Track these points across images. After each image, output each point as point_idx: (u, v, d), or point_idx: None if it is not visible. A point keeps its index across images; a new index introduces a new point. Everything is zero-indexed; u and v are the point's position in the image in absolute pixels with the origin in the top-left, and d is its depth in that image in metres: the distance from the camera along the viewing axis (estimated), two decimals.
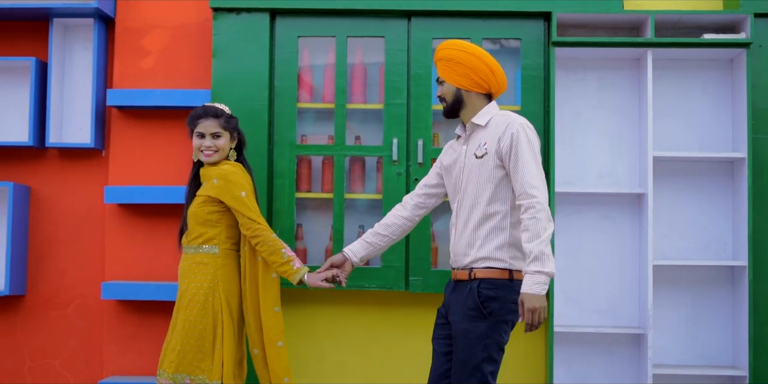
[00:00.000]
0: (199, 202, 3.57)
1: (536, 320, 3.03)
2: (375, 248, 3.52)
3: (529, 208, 3.07)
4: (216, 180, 3.52)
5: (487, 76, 3.26)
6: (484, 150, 3.21)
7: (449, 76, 3.28)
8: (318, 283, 3.49)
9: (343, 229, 4.34)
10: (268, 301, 3.59)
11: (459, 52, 3.26)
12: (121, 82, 4.57)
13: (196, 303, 3.53)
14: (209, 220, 3.56)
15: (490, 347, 3.14)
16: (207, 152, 3.58)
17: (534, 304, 3.02)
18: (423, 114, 4.35)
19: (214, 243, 3.57)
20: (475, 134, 3.28)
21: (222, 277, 3.55)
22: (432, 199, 3.51)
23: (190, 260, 3.59)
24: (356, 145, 4.41)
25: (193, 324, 3.52)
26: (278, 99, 4.40)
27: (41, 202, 4.67)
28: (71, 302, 4.65)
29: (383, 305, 4.50)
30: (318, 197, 4.46)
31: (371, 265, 4.36)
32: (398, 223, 3.50)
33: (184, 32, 4.59)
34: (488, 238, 3.18)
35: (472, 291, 3.16)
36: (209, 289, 3.53)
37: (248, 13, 4.40)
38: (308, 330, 4.48)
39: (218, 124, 3.58)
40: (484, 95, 3.30)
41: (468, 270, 3.20)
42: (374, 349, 4.49)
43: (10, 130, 4.70)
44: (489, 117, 3.27)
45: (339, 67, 4.40)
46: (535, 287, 3.01)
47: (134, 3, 4.61)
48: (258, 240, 3.51)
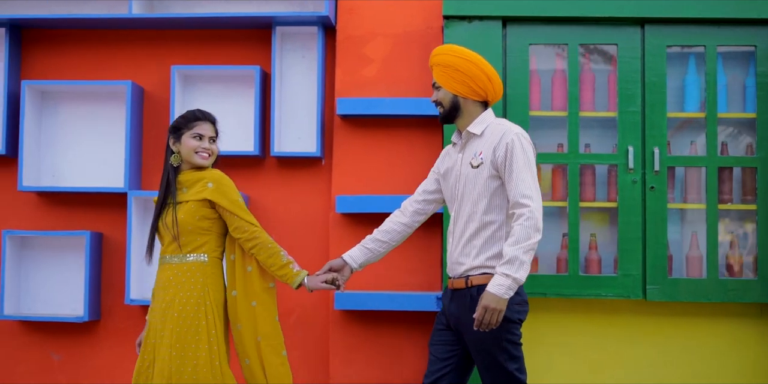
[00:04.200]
0: (188, 208, 3.63)
1: (488, 320, 3.30)
2: (374, 254, 3.78)
3: (520, 216, 3.36)
4: (211, 183, 3.63)
5: (485, 85, 3.54)
6: (480, 160, 3.49)
7: (447, 83, 3.56)
8: (318, 285, 3.66)
9: (578, 238, 4.56)
10: (270, 312, 3.71)
11: (458, 59, 3.54)
12: (343, 91, 4.86)
13: (188, 313, 3.58)
14: (200, 227, 3.64)
15: (507, 348, 3.43)
16: (203, 154, 3.69)
17: (490, 304, 3.28)
18: (658, 121, 4.62)
19: (203, 251, 3.65)
20: (471, 143, 3.57)
21: (212, 285, 3.64)
22: (431, 205, 3.79)
23: (174, 270, 3.65)
24: (589, 154, 4.66)
25: (185, 335, 3.57)
26: (510, 107, 4.65)
27: (260, 211, 4.96)
28: (293, 312, 4.92)
29: (610, 313, 4.75)
30: (550, 205, 4.70)
31: (606, 274, 4.59)
32: (397, 229, 3.77)
33: (407, 40, 4.87)
34: (484, 248, 3.46)
35: (474, 299, 3.44)
36: (200, 298, 3.60)
37: (480, 21, 4.68)
38: (536, 339, 4.72)
39: (214, 130, 3.75)
40: (480, 103, 3.59)
41: (464, 278, 3.48)
42: (603, 357, 4.73)
43: (229, 139, 4.95)
44: (485, 126, 3.56)
45: (571, 74, 4.68)
46: (498, 288, 3.29)
47: (356, 11, 4.90)
48: (255, 243, 3.62)
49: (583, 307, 4.78)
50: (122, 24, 5.02)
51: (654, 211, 4.61)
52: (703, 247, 4.69)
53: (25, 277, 5.07)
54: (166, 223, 3.64)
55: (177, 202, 3.65)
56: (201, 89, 5.05)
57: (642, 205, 4.61)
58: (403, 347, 4.79)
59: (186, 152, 3.69)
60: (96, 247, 4.96)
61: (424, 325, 4.78)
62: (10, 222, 5.10)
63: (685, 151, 4.82)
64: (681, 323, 4.73)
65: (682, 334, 4.72)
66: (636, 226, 4.60)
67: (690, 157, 4.71)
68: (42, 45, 5.20)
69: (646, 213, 4.61)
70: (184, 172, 3.71)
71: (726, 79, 4.78)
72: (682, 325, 4.72)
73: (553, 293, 4.61)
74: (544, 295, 4.61)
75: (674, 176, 4.74)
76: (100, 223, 5.03)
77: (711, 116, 4.66)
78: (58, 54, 5.19)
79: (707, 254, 4.62)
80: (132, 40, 5.15)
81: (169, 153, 3.73)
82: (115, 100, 5.05)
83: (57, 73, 5.17)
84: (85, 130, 5.09)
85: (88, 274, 4.86)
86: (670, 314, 4.73)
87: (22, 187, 4.92)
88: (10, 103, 5.04)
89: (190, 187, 3.66)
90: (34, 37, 5.20)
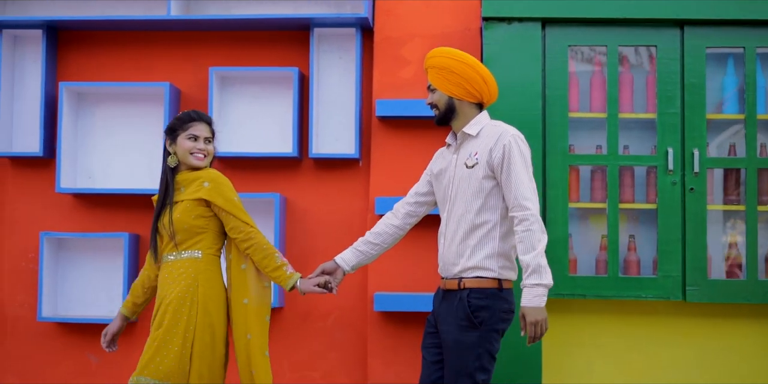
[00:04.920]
0: (183, 207, 3.68)
1: (539, 333, 3.38)
2: (366, 257, 3.81)
3: (523, 220, 3.39)
4: (207, 183, 3.68)
5: (480, 87, 3.58)
6: (475, 160, 3.52)
7: (442, 85, 3.59)
8: (311, 288, 3.68)
9: (618, 239, 4.60)
10: (262, 311, 3.72)
11: (453, 61, 3.57)
12: (381, 92, 4.92)
13: (174, 307, 3.62)
14: (195, 226, 3.68)
15: (482, 357, 3.42)
16: (199, 155, 3.74)
17: (536, 318, 3.36)
18: (697, 123, 4.68)
19: (198, 248, 3.69)
20: (466, 144, 3.59)
21: (203, 281, 3.66)
22: (423, 208, 3.82)
23: (170, 267, 3.70)
24: (629, 155, 4.71)
25: (169, 327, 3.62)
26: (549, 108, 4.70)
27: (297, 213, 5.02)
28: (330, 314, 4.97)
29: (649, 314, 4.81)
30: (588, 207, 4.73)
31: (645, 275, 4.63)
32: (389, 231, 3.80)
33: (445, 41, 4.94)
34: (477, 248, 3.49)
35: (462, 301, 3.47)
36: (187, 293, 3.63)
37: (520, 23, 4.73)
38: (574, 340, 4.77)
39: (210, 131, 3.79)
40: (475, 104, 3.63)
41: (457, 279, 3.50)
42: (641, 358, 4.80)
43: (266, 140, 5.00)
44: (480, 127, 3.59)
45: (611, 76, 4.74)
46: (536, 300, 3.35)
47: (393, 12, 4.95)
48: (251, 243, 3.66)
49: (621, 309, 4.83)
50: (160, 25, 5.09)
51: (693, 213, 4.66)
52: (742, 249, 4.73)
53: (62, 278, 5.13)
54: (164, 223, 3.70)
55: (174, 202, 3.70)
56: (238, 91, 5.11)
57: (681, 207, 4.67)
58: None
59: (182, 153, 3.74)
60: (133, 249, 5.02)
61: None
62: (48, 223, 5.17)
63: (724, 152, 4.86)
64: (720, 324, 4.78)
65: (720, 335, 4.78)
66: (675, 228, 4.65)
67: (729, 159, 4.76)
68: (78, 46, 5.27)
69: (686, 214, 4.66)
70: (181, 173, 3.76)
71: (765, 81, 4.82)
72: (720, 327, 4.78)
73: (593, 295, 4.66)
74: (584, 296, 4.66)
75: (713, 178, 4.78)
76: (137, 224, 5.09)
77: (750, 118, 4.71)
78: (94, 55, 5.26)
79: (746, 255, 4.67)
80: (169, 42, 5.21)
81: (166, 154, 3.78)
82: (152, 102, 5.11)
83: (92, 74, 5.24)
84: (121, 132, 5.16)
85: (126, 276, 4.92)
86: (708, 315, 4.78)
87: (59, 189, 4.99)
88: (47, 105, 5.10)
89: (187, 187, 3.71)
90: (70, 39, 5.26)
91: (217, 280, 3.71)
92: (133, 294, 3.88)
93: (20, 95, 5.20)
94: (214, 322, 3.64)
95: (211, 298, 3.65)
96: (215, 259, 3.72)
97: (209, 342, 3.62)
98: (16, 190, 5.21)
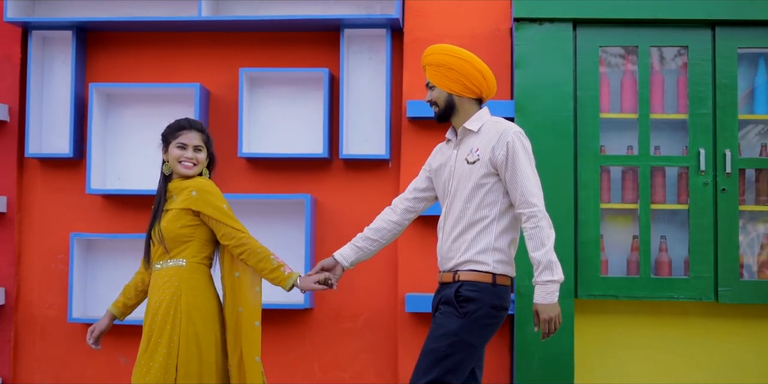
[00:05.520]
0: (171, 216, 3.68)
1: (552, 329, 3.44)
2: (365, 253, 3.83)
3: (532, 216, 3.43)
4: (195, 192, 3.66)
5: (479, 82, 3.59)
6: (476, 156, 3.54)
7: (441, 82, 3.60)
8: (311, 285, 3.69)
9: (650, 240, 4.63)
10: (253, 316, 3.71)
11: (450, 58, 3.58)
12: (411, 93, 4.98)
13: (159, 317, 3.63)
14: (181, 234, 3.67)
15: (456, 345, 3.41)
16: (187, 164, 3.72)
17: (549, 314, 3.42)
18: (729, 123, 4.72)
19: (182, 256, 3.67)
20: (467, 139, 3.61)
21: (186, 290, 3.64)
22: (422, 203, 3.84)
23: (157, 276, 3.71)
24: (660, 156, 4.75)
25: (155, 337, 3.63)
26: (581, 109, 4.73)
27: (326, 214, 5.05)
28: (361, 315, 5.00)
29: (680, 315, 4.86)
30: (620, 208, 4.76)
31: (676, 276, 4.66)
32: (388, 227, 3.82)
33: (475, 42, 4.98)
34: (474, 242, 3.52)
35: (452, 290, 3.48)
36: (170, 302, 3.62)
37: (551, 24, 4.78)
38: (606, 340, 4.80)
39: (201, 138, 3.76)
40: (475, 100, 3.64)
41: (452, 273, 3.53)
42: (672, 359, 4.83)
43: (296, 141, 5.03)
44: (481, 123, 3.59)
45: (642, 77, 4.78)
46: (549, 297, 3.41)
47: (424, 13, 4.99)
48: (244, 249, 3.65)
49: (652, 309, 4.87)
50: (190, 26, 5.13)
51: (725, 214, 4.70)
52: None
53: (92, 279, 5.17)
54: (155, 231, 3.71)
55: (165, 210, 3.72)
56: (267, 92, 5.15)
57: (713, 208, 4.70)
58: None
59: (171, 161, 3.75)
60: None
61: None
62: (77, 224, 5.21)
63: (755, 152, 4.88)
64: (751, 325, 4.83)
65: (752, 336, 4.82)
66: (708, 229, 4.69)
67: (762, 159, 4.79)
68: (106, 47, 5.31)
69: (717, 215, 4.69)
70: (173, 181, 3.76)
71: None
72: (752, 327, 4.83)
73: (625, 295, 4.69)
74: (616, 297, 4.69)
75: (745, 178, 4.81)
76: None
77: None
78: (122, 56, 5.30)
79: None
80: (199, 43, 5.25)
81: (162, 162, 3.80)
82: (182, 103, 5.14)
83: (121, 75, 5.29)
84: (151, 133, 5.15)
85: None
86: (740, 316, 4.82)
87: (89, 190, 5.03)
88: (77, 106, 5.13)
89: (178, 195, 3.71)
90: (99, 40, 5.30)
91: (202, 289, 3.68)
92: (126, 295, 3.88)
93: (49, 96, 5.24)
94: (199, 330, 3.62)
95: (195, 307, 3.64)
96: (200, 266, 3.70)
97: (195, 351, 3.60)
98: (45, 191, 5.26)
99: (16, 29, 5.23)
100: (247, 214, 5.10)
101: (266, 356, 5.05)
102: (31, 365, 5.21)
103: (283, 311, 5.09)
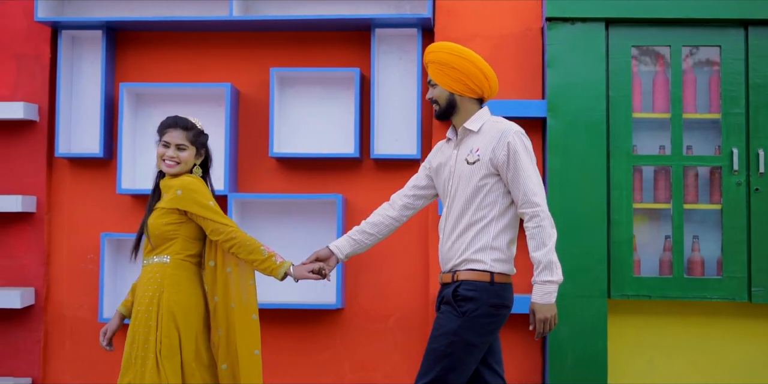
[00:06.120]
0: (158, 214, 3.75)
1: (547, 329, 3.48)
2: (360, 246, 3.85)
3: (534, 216, 3.46)
4: (180, 191, 3.70)
5: (481, 82, 3.61)
6: (477, 156, 3.57)
7: (443, 81, 3.62)
8: (305, 274, 3.71)
9: (683, 240, 4.65)
10: (248, 310, 3.76)
11: (453, 57, 3.60)
12: None
13: (141, 313, 3.70)
14: (166, 232, 3.73)
15: (455, 344, 3.44)
16: (169, 163, 3.76)
17: (546, 315, 3.46)
18: (763, 123, 4.77)
19: (167, 253, 3.73)
20: (467, 139, 3.63)
21: (168, 286, 3.70)
22: (420, 201, 3.88)
23: (143, 272, 3.79)
24: (692, 156, 4.75)
25: (134, 334, 3.71)
26: (613, 109, 4.75)
27: (357, 213, 5.10)
28: (392, 315, 5.02)
29: (712, 315, 4.88)
30: (652, 207, 4.78)
31: (709, 276, 4.67)
32: (386, 222, 3.85)
33: (506, 42, 5.00)
34: (472, 242, 3.54)
35: (451, 289, 3.51)
36: (152, 298, 3.69)
37: (583, 23, 4.80)
38: (638, 340, 4.82)
39: (185, 137, 3.78)
40: (476, 100, 3.66)
41: (452, 273, 3.56)
42: (704, 359, 4.86)
43: (326, 141, 5.05)
44: (481, 123, 3.61)
45: (674, 76, 4.80)
46: (546, 297, 3.45)
47: (454, 12, 5.00)
48: (233, 242, 3.68)
49: (685, 309, 4.90)
50: (220, 26, 5.15)
51: (759, 213, 4.72)
52: None
53: (122, 279, 5.20)
54: (145, 228, 3.79)
55: (155, 208, 3.78)
56: (297, 91, 5.18)
57: (747, 208, 4.72)
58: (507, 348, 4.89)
59: (157, 159, 3.82)
60: None
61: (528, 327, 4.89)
62: (108, 224, 5.23)
63: None
64: None
65: None
66: (741, 229, 4.72)
67: None
68: (136, 47, 5.33)
69: (751, 215, 4.71)
70: (164, 178, 3.82)
71: None
72: None
73: (658, 296, 4.72)
74: (649, 297, 4.71)
75: None
76: None
77: None
78: (151, 56, 5.32)
79: None
80: (228, 42, 5.28)
81: None
82: (212, 103, 5.18)
83: (150, 75, 5.32)
84: None
85: None
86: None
87: (120, 190, 5.05)
88: (106, 106, 5.16)
89: (167, 193, 3.76)
90: (128, 40, 5.33)
91: (185, 285, 3.73)
92: (133, 294, 3.90)
93: (78, 96, 5.27)
94: (180, 325, 3.67)
95: (176, 302, 3.69)
96: (184, 263, 3.75)
97: (175, 344, 3.65)
98: (75, 191, 5.29)
99: (46, 29, 5.26)
100: (278, 214, 5.15)
101: (297, 356, 5.10)
102: (60, 366, 5.24)
103: (314, 311, 5.12)
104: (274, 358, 5.11)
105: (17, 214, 5.22)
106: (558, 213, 4.70)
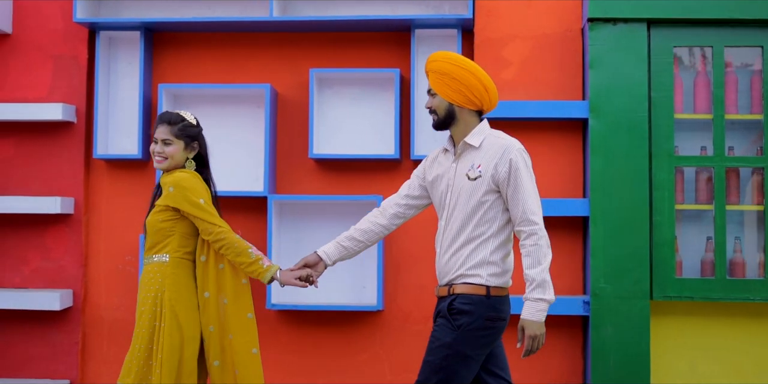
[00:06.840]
0: (155, 211, 3.81)
1: (536, 346, 3.49)
2: (349, 252, 3.85)
3: (532, 234, 3.47)
4: (171, 188, 3.74)
5: (481, 94, 3.59)
6: (478, 173, 3.56)
7: (442, 91, 3.58)
8: (291, 280, 3.75)
9: (725, 242, 4.67)
10: (241, 308, 3.78)
11: (454, 67, 3.56)
12: None
13: (144, 313, 3.75)
14: (163, 229, 3.77)
15: (450, 358, 3.47)
16: (156, 158, 3.81)
17: (535, 332, 3.47)
18: None
19: (165, 251, 3.78)
20: (467, 154, 3.61)
21: (169, 286, 3.75)
22: (412, 210, 3.85)
23: (144, 271, 3.84)
24: (734, 156, 4.78)
25: (139, 335, 3.75)
26: (655, 110, 4.77)
27: None
28: (431, 316, 5.02)
29: (754, 317, 4.92)
30: (694, 208, 4.80)
31: (751, 277, 4.69)
32: (375, 230, 3.83)
33: (546, 43, 5.01)
34: (470, 257, 3.55)
35: (446, 303, 3.53)
36: (155, 298, 3.74)
37: (625, 24, 4.82)
38: (679, 342, 4.84)
39: (169, 132, 3.79)
40: (475, 112, 3.62)
41: (448, 286, 3.58)
42: (745, 361, 4.89)
43: (365, 142, 5.07)
44: (482, 137, 3.59)
45: (717, 77, 4.83)
46: (537, 314, 3.46)
47: (494, 13, 5.05)
48: (222, 243, 3.72)
49: (727, 311, 4.92)
50: (258, 27, 5.18)
51: None
52: None
53: None
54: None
55: (155, 205, 3.83)
56: (337, 92, 5.20)
57: None
58: (547, 350, 4.91)
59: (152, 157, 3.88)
60: None
61: (569, 328, 4.94)
62: None
63: None
64: None
65: None
66: None
67: None
68: (173, 48, 5.36)
69: None
70: (163, 175, 3.86)
71: None
72: None
73: (700, 297, 4.74)
74: (691, 298, 4.74)
75: None
76: (239, 226, 5.17)
77: None
78: (188, 57, 5.35)
79: None
80: (266, 43, 5.31)
81: None
82: (251, 103, 5.20)
83: (187, 76, 5.35)
84: (219, 134, 5.19)
85: None
86: None
87: None
88: (144, 107, 5.18)
89: (164, 190, 3.79)
90: (165, 40, 5.36)
91: (184, 283, 3.77)
92: None
93: (116, 97, 5.30)
94: (182, 323, 3.72)
95: (177, 301, 3.73)
96: (182, 261, 3.79)
97: (177, 344, 3.69)
98: (112, 192, 5.32)
99: (83, 30, 5.28)
100: (316, 216, 5.17)
101: (337, 358, 5.14)
102: (98, 367, 5.27)
103: (353, 313, 5.15)
104: (313, 359, 5.15)
105: (55, 215, 5.25)
106: (600, 214, 4.73)
